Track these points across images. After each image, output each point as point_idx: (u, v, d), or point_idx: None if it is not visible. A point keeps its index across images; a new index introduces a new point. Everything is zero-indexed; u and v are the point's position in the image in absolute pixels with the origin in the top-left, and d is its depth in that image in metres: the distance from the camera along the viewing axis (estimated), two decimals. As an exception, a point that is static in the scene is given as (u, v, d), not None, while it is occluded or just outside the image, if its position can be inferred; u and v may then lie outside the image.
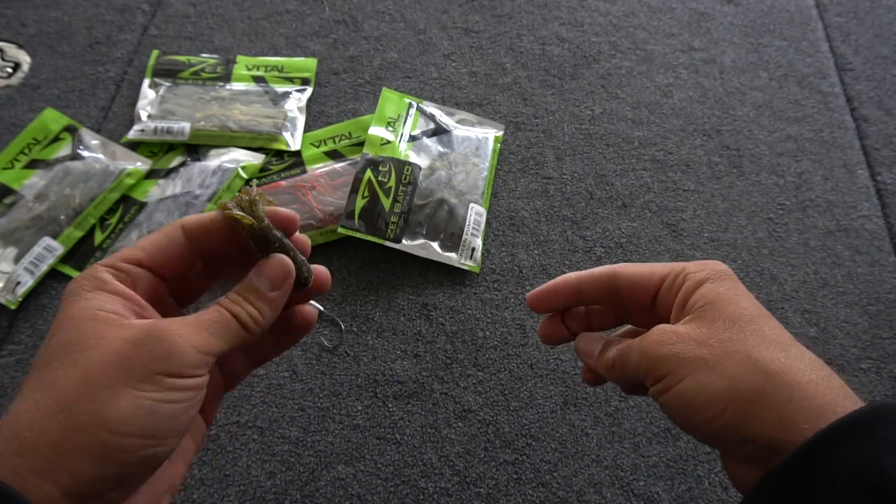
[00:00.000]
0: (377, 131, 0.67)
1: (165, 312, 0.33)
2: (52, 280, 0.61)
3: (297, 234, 0.34)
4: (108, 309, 0.28)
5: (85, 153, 0.66)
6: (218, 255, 0.34)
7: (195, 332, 0.28)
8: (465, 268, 0.62)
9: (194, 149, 0.68)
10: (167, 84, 0.72)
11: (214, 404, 0.36)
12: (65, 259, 0.61)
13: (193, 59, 0.74)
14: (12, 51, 0.75)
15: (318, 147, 0.69)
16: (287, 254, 0.32)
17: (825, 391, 0.28)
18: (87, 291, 0.29)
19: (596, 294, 0.37)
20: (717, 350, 0.30)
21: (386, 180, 0.64)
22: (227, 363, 0.36)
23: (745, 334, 0.30)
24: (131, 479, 0.27)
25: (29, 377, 0.26)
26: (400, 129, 0.69)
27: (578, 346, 0.38)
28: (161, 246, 0.31)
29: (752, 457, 0.29)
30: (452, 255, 0.62)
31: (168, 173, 0.66)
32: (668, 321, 0.34)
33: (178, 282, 0.34)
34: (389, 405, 0.56)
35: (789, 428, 0.27)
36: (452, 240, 0.63)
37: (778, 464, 0.27)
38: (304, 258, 0.33)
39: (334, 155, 0.69)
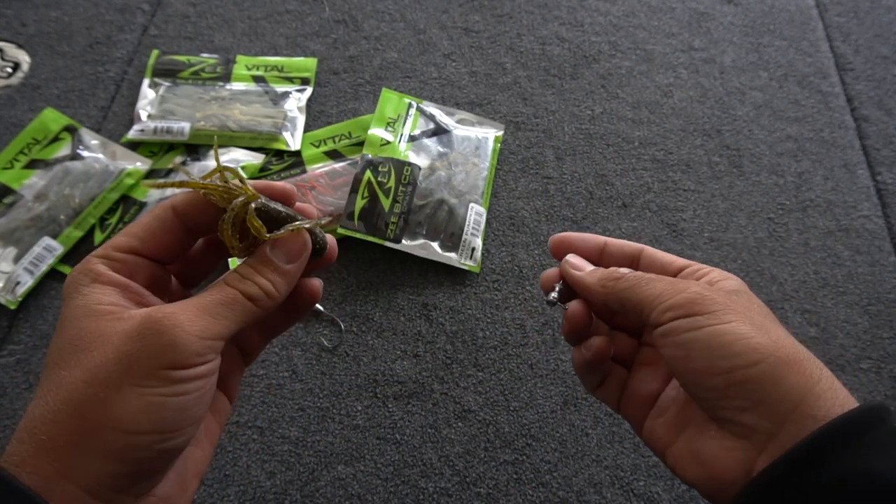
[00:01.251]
0: (377, 132, 0.67)
1: (172, 297, 0.31)
2: (52, 280, 0.61)
3: (301, 204, 0.33)
4: (105, 302, 0.27)
5: (85, 153, 0.66)
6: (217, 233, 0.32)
7: (196, 317, 0.27)
8: (465, 268, 0.62)
9: (194, 149, 0.68)
10: (167, 84, 0.72)
11: (235, 380, 0.35)
12: (64, 259, 0.61)
13: (193, 58, 0.74)
14: (12, 51, 0.75)
15: (317, 147, 0.69)
16: (288, 222, 0.31)
17: (840, 386, 0.29)
18: (83, 286, 0.28)
19: (616, 259, 0.38)
20: (759, 318, 0.30)
21: (385, 181, 0.64)
22: (241, 338, 0.35)
23: (776, 324, 0.31)
24: (151, 471, 0.27)
25: (41, 378, 0.26)
26: (400, 129, 0.69)
27: (569, 258, 0.38)
28: (152, 230, 0.30)
29: (753, 428, 0.28)
30: (452, 255, 0.62)
31: (168, 173, 0.66)
32: None
33: (179, 263, 0.32)
34: (389, 405, 0.56)
35: (816, 402, 0.27)
36: (452, 240, 0.63)
37: (792, 448, 0.26)
38: (317, 222, 0.32)
39: (334, 155, 0.69)
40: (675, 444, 0.33)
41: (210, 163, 0.66)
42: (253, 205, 0.30)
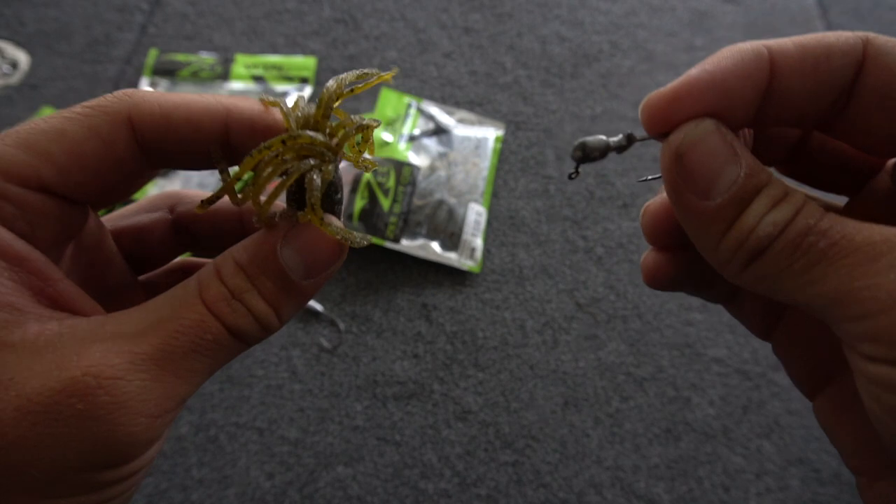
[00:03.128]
0: (377, 132, 0.67)
1: (85, 245, 0.19)
2: (51, 280, 0.60)
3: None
4: None
5: (83, 153, 0.66)
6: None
7: (153, 382, 0.16)
8: (465, 268, 0.62)
9: (193, 148, 0.68)
10: (166, 83, 0.72)
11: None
12: (63, 259, 0.61)
13: (192, 57, 0.74)
14: (11, 50, 0.75)
15: (317, 146, 0.69)
16: (337, 210, 0.20)
17: None
18: None
19: (809, 83, 0.18)
20: None
21: (385, 181, 0.63)
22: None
23: None
24: None
25: None
26: (400, 129, 0.68)
27: (683, 137, 0.18)
28: (82, 151, 0.17)
29: None
30: (452, 255, 0.62)
31: (167, 173, 0.66)
32: None
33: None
34: (389, 406, 0.56)
35: None
36: (452, 240, 0.63)
37: None
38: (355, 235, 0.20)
39: (334, 154, 0.69)
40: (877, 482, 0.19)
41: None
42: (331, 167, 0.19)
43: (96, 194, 0.18)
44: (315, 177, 0.18)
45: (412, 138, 0.68)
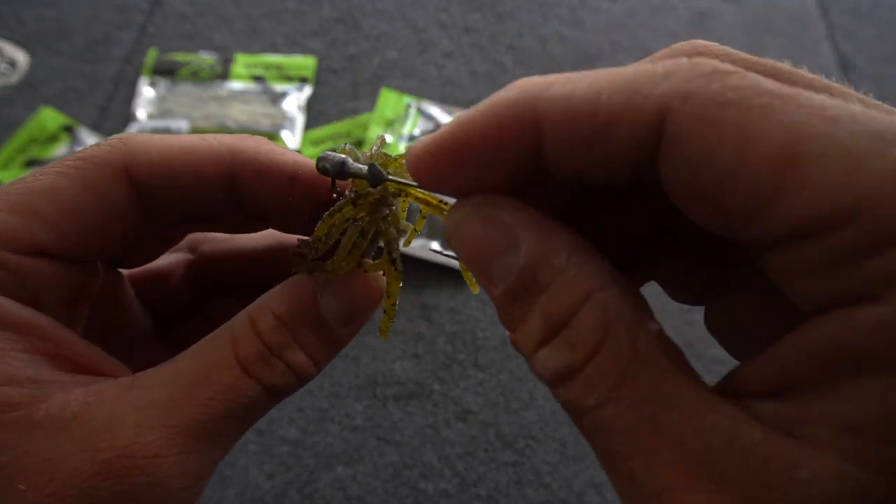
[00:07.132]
0: (377, 133, 0.67)
1: (98, 300, 0.19)
2: (50, 280, 0.60)
3: None
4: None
5: (83, 152, 0.66)
6: (189, 207, 0.18)
7: (187, 453, 0.15)
8: (466, 268, 0.62)
9: (193, 148, 0.68)
10: (165, 83, 0.72)
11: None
12: (62, 259, 0.61)
13: (191, 57, 0.74)
14: (10, 49, 0.75)
15: (317, 146, 0.69)
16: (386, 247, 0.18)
17: None
18: None
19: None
20: None
21: (385, 180, 0.64)
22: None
23: None
24: None
25: None
26: (400, 129, 0.68)
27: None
28: (81, 210, 0.16)
29: None
30: (453, 254, 0.62)
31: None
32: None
33: (112, 255, 0.18)
34: (389, 406, 0.55)
35: None
36: (452, 240, 0.63)
37: None
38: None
39: (334, 154, 0.69)
40: None
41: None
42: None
43: (100, 251, 0.17)
44: (391, 229, 0.17)
45: (412, 138, 0.68)
